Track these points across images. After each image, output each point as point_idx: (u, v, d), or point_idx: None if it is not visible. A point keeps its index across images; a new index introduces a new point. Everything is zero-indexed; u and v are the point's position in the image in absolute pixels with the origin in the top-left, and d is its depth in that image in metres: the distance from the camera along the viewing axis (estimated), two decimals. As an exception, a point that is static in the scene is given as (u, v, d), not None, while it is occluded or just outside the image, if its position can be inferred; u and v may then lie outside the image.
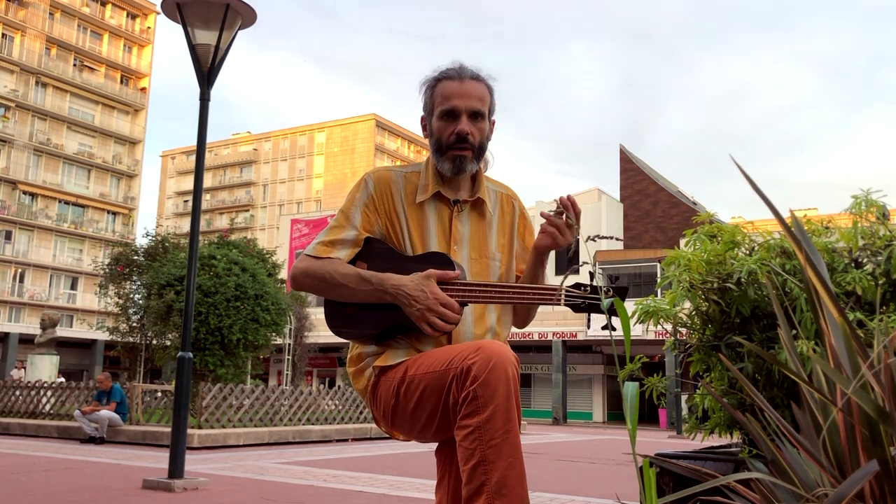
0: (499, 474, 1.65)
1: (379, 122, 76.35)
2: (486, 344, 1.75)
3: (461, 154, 1.98)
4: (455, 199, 2.05)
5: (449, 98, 1.99)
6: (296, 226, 44.56)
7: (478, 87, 2.01)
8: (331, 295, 1.99)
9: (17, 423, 13.50)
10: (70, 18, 55.19)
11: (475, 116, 1.99)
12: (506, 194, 2.16)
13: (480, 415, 1.68)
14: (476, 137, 1.99)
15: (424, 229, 2.01)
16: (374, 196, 2.03)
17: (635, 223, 40.99)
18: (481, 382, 1.68)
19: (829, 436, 1.29)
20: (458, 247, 2.02)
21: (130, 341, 21.95)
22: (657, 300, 2.84)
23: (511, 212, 2.14)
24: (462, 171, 2.00)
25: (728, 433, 2.88)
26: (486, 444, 1.66)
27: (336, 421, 14.42)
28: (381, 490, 6.33)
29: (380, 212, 2.03)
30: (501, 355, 1.71)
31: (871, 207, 2.74)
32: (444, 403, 1.78)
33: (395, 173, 2.08)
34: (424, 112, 2.08)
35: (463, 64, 2.04)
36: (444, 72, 2.04)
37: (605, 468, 9.45)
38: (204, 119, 6.73)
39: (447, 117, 1.99)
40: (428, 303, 1.85)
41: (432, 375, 1.81)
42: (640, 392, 2.80)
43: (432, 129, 2.04)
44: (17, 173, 50.31)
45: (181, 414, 6.31)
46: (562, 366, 30.95)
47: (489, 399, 1.68)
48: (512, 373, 1.71)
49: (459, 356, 1.76)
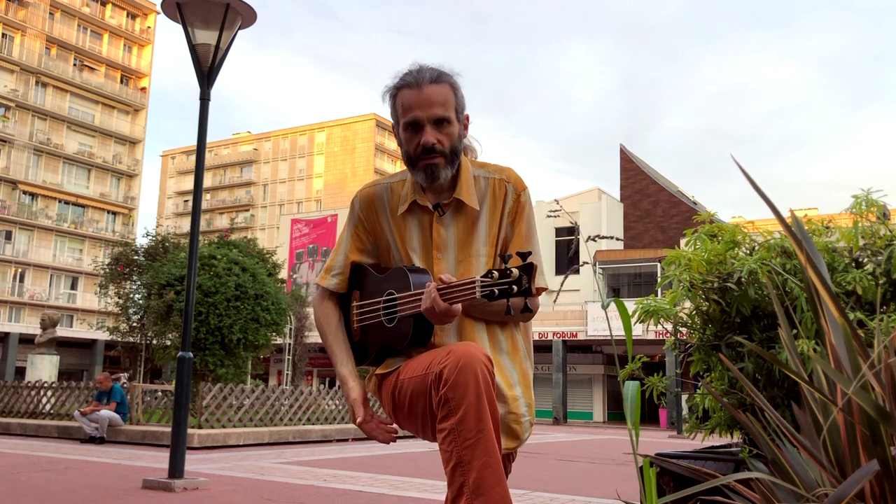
0: (475, 474, 1.67)
1: (379, 122, 76.29)
2: (456, 346, 1.76)
3: (431, 163, 1.95)
4: (436, 203, 2.01)
5: (409, 109, 1.95)
6: (296, 226, 44.56)
7: (439, 91, 1.95)
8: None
9: (18, 423, 13.51)
10: (70, 18, 55.17)
11: (440, 123, 1.95)
12: (499, 178, 2.04)
13: (454, 417, 1.70)
14: (444, 144, 1.95)
15: (407, 240, 2.03)
16: (361, 216, 2.11)
17: (635, 223, 40.98)
18: (451, 385, 1.70)
19: (830, 435, 1.29)
20: (442, 253, 2.01)
21: (130, 341, 21.96)
22: (657, 300, 2.84)
23: (504, 196, 2.03)
24: (436, 179, 1.96)
25: (728, 433, 2.88)
26: (461, 445, 1.68)
27: (336, 421, 14.42)
28: (382, 490, 6.33)
29: (368, 230, 2.11)
30: (469, 356, 1.72)
31: (872, 207, 2.74)
32: (429, 406, 1.82)
33: (379, 188, 2.09)
34: (393, 122, 2.05)
35: (422, 66, 1.98)
36: (402, 79, 1.98)
37: (605, 468, 9.44)
38: (204, 119, 6.73)
39: (411, 129, 1.96)
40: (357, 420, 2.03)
41: (415, 380, 1.85)
42: (641, 392, 2.80)
43: (401, 141, 2.02)
44: (17, 173, 50.31)
45: (181, 414, 6.32)
46: (562, 365, 30.96)
47: (460, 401, 1.70)
48: (481, 372, 1.71)
49: (435, 360, 1.79)
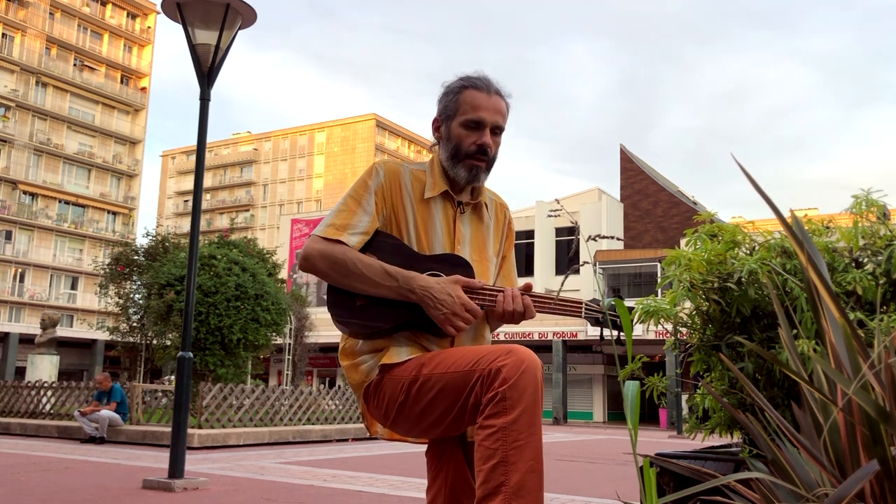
0: (519, 476, 1.66)
1: (379, 122, 76.33)
2: (517, 348, 1.78)
3: (478, 164, 2.02)
4: (459, 200, 2.08)
5: (477, 109, 2.01)
6: (296, 226, 44.57)
7: (501, 104, 2.05)
8: (344, 283, 1.93)
9: (18, 423, 13.51)
10: (70, 18, 55.18)
11: (496, 131, 2.04)
12: (499, 203, 2.22)
13: (507, 416, 1.69)
14: (493, 151, 2.05)
15: (430, 226, 2.03)
16: (384, 185, 2.02)
17: (635, 223, 40.98)
18: (511, 384, 1.70)
19: (830, 435, 1.29)
20: (461, 247, 2.05)
21: (130, 341, 21.97)
22: (657, 300, 2.84)
23: (503, 220, 2.21)
24: (476, 180, 2.04)
25: (728, 433, 2.88)
26: (509, 445, 1.67)
27: (336, 421, 14.42)
28: (381, 490, 6.33)
29: (387, 202, 2.02)
30: (532, 360, 1.74)
31: (872, 207, 2.74)
32: (462, 403, 1.79)
33: (402, 167, 2.09)
34: (442, 116, 2.08)
35: (489, 77, 2.07)
36: (471, 80, 2.05)
37: (605, 468, 9.44)
38: (204, 119, 6.73)
39: (472, 127, 2.02)
40: (455, 308, 1.89)
41: (454, 375, 1.81)
42: (641, 392, 2.80)
43: (451, 135, 2.04)
44: (18, 173, 50.32)
45: (181, 414, 6.32)
46: (562, 365, 30.97)
47: (517, 401, 1.69)
48: (540, 378, 1.74)
49: (487, 358, 1.76)
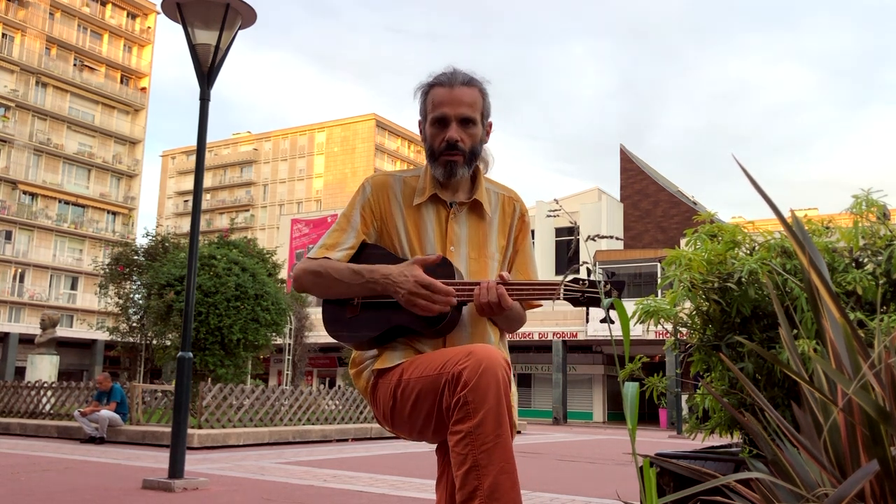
0: (491, 479, 1.66)
1: (379, 122, 76.33)
2: (476, 348, 1.77)
3: (451, 159, 2.03)
4: (452, 201, 2.09)
5: (439, 105, 2.04)
6: (296, 226, 44.56)
7: (469, 93, 2.04)
8: (329, 292, 2.03)
9: (17, 423, 13.50)
10: (70, 18, 55.17)
11: (465, 123, 2.04)
12: (508, 196, 2.19)
13: (471, 420, 1.69)
14: (466, 143, 2.04)
15: (422, 230, 2.06)
16: (371, 199, 2.09)
17: (635, 223, 40.97)
18: (471, 388, 1.70)
19: (830, 436, 1.29)
20: (455, 247, 2.06)
21: (130, 341, 21.95)
22: (657, 300, 2.84)
23: (512, 213, 2.17)
24: (453, 175, 2.05)
25: (728, 433, 2.88)
26: (477, 448, 1.68)
27: (336, 421, 14.42)
28: (382, 490, 6.33)
29: (375, 214, 2.09)
30: (491, 359, 1.72)
31: (872, 207, 2.74)
32: (438, 407, 1.81)
33: (392, 178, 2.14)
34: (420, 118, 2.14)
35: (456, 69, 2.08)
36: (436, 78, 2.08)
37: (605, 468, 9.44)
38: (204, 119, 6.73)
39: (438, 124, 2.05)
40: (408, 286, 1.88)
41: (426, 379, 1.83)
42: (641, 392, 2.79)
43: (426, 136, 2.10)
44: (17, 173, 50.31)
45: (181, 414, 6.31)
46: (562, 366, 30.96)
47: (479, 404, 1.69)
48: (502, 376, 1.72)
49: (451, 360, 1.78)
